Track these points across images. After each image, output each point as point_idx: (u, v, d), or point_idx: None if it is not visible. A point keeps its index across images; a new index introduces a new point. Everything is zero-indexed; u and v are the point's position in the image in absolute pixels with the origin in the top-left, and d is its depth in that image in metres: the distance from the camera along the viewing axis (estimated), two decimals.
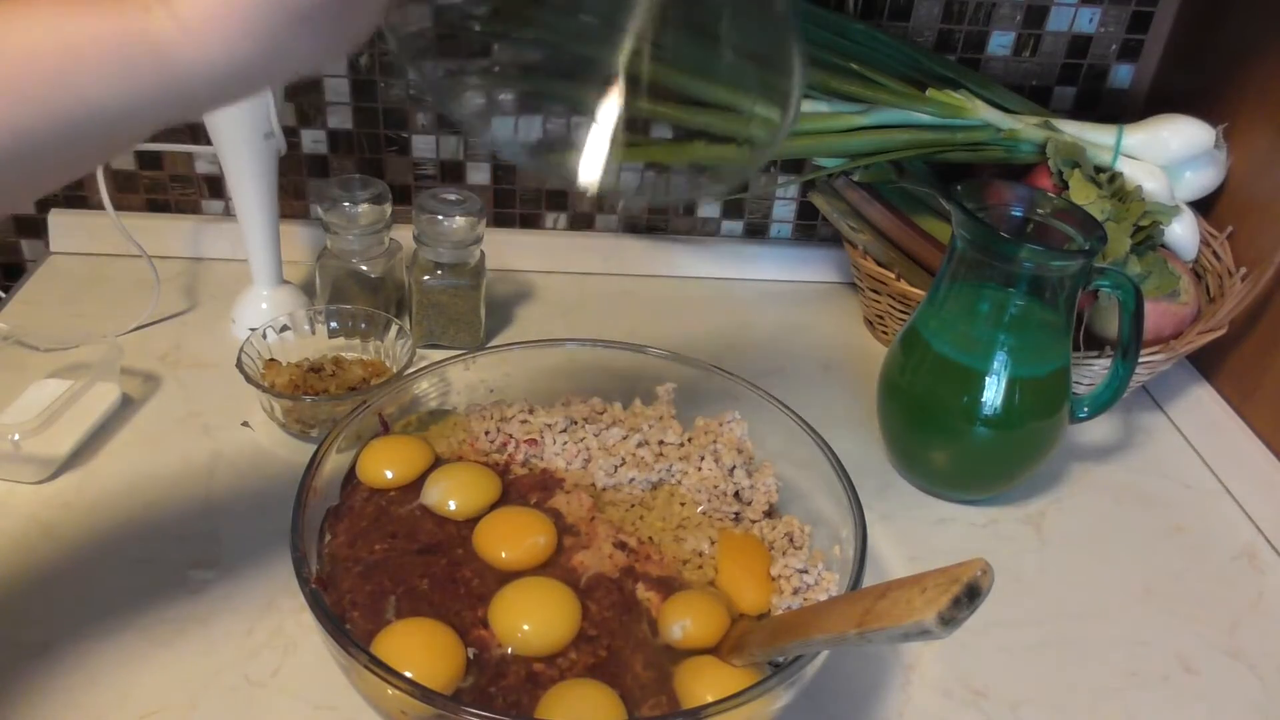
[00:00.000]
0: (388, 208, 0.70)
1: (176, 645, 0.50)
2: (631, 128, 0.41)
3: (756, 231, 0.89)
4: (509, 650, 0.43)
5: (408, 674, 0.38)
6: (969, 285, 0.59)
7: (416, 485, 0.51)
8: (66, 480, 0.59)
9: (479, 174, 0.83)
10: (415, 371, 0.56)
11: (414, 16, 0.38)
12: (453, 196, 0.70)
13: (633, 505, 0.52)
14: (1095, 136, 0.71)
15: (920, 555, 0.60)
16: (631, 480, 0.53)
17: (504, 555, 0.47)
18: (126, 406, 0.65)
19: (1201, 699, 0.53)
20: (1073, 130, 0.72)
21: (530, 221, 0.86)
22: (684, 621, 0.44)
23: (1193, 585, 0.60)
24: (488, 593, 0.45)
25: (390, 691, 0.38)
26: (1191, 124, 0.71)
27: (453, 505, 0.49)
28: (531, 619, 0.44)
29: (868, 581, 0.41)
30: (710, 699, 0.40)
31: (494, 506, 0.50)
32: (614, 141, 0.41)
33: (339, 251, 0.70)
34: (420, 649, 0.42)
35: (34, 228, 0.83)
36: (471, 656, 0.43)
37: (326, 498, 0.50)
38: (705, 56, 0.41)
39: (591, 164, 0.41)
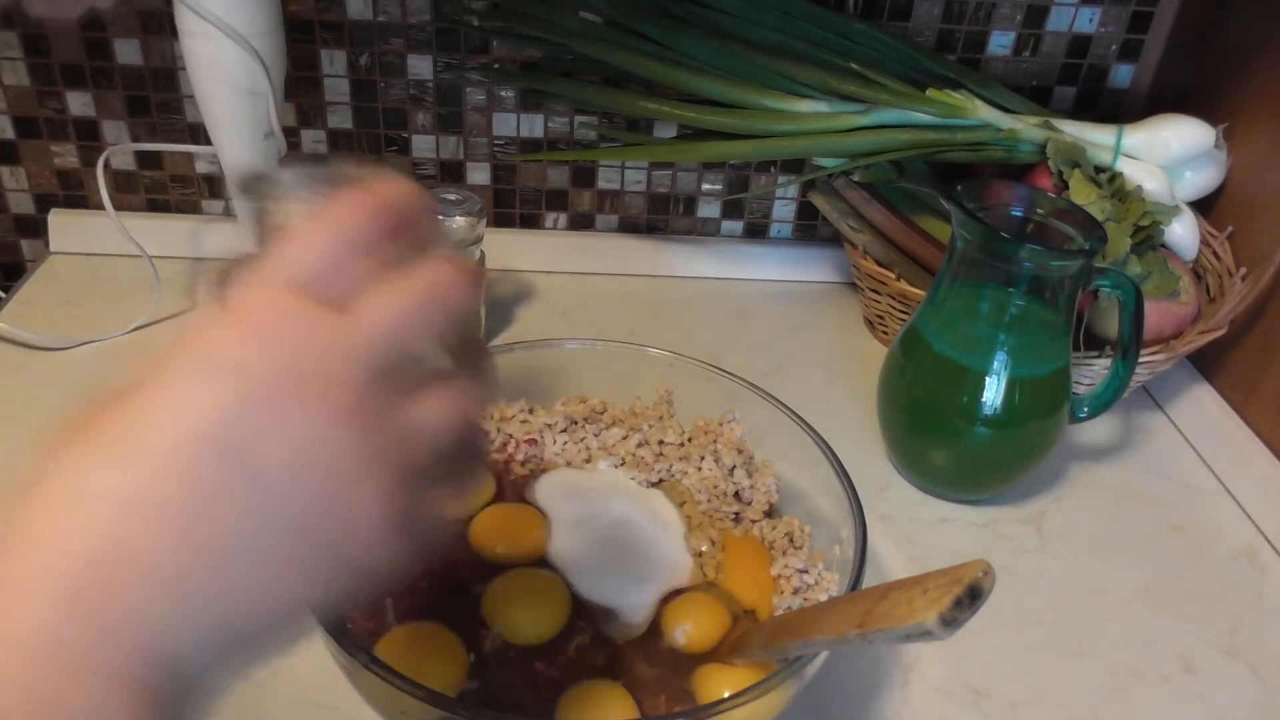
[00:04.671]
0: None
1: None
2: None
3: (756, 231, 0.88)
4: (504, 640, 0.43)
5: (409, 676, 0.38)
6: (969, 285, 0.59)
7: None
8: None
9: (479, 174, 0.83)
10: None
11: None
12: (453, 196, 0.70)
13: None
14: (1095, 136, 0.71)
15: (920, 555, 0.60)
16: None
17: (500, 550, 0.47)
18: None
19: (1201, 699, 0.53)
20: (1073, 130, 0.71)
21: (530, 221, 0.86)
22: (685, 626, 0.45)
23: (1193, 585, 0.60)
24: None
25: (395, 694, 0.38)
26: (1191, 124, 0.71)
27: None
28: (521, 608, 0.44)
29: (868, 582, 0.41)
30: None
31: (489, 504, 0.50)
32: None
33: None
34: (424, 652, 0.42)
35: (34, 228, 0.83)
36: (473, 660, 0.43)
37: None
38: None
39: None
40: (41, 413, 0.63)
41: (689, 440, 0.55)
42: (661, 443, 0.55)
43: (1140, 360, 0.62)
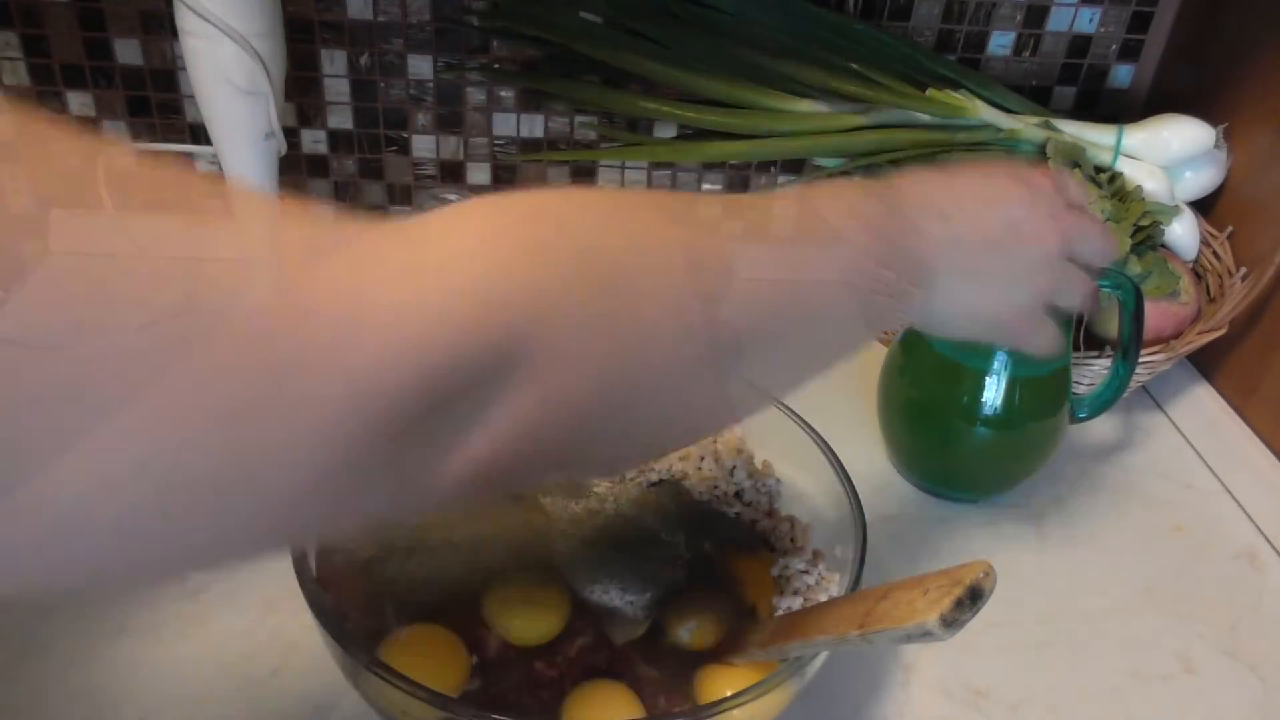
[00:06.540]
0: None
1: (176, 645, 0.50)
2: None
3: None
4: (505, 641, 0.43)
5: (410, 677, 0.38)
6: None
7: None
8: None
9: (479, 174, 0.83)
10: None
11: None
12: (453, 197, 0.70)
13: None
14: (1095, 136, 0.71)
15: (920, 555, 0.60)
16: (632, 480, 0.53)
17: (501, 553, 0.47)
18: None
19: (1201, 699, 0.53)
20: (1073, 130, 0.72)
21: None
22: (685, 626, 0.45)
23: (1193, 585, 0.60)
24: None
25: (396, 695, 0.38)
26: (1191, 124, 0.71)
27: None
28: (522, 609, 0.44)
29: (868, 582, 0.41)
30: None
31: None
32: None
33: None
34: (425, 653, 0.42)
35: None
36: (474, 661, 0.43)
37: None
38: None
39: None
40: None
41: None
42: None
43: (1140, 360, 0.62)
